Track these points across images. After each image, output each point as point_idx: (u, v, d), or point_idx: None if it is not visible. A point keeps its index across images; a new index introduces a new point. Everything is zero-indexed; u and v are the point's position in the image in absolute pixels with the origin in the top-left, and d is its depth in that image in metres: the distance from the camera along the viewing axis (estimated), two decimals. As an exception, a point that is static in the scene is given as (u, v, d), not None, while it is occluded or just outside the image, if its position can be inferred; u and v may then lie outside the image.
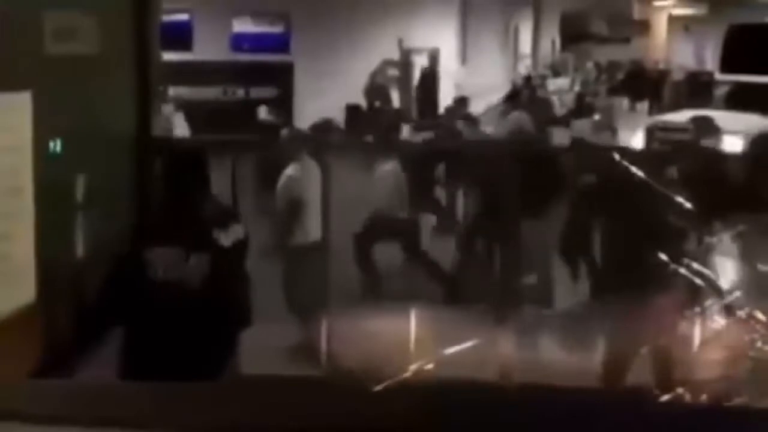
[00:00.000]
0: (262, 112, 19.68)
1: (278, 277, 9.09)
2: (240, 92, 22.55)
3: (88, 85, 5.13)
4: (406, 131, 18.63)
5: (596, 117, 15.96)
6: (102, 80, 5.30)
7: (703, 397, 4.59)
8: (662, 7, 42.21)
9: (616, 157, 6.90)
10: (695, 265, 5.87)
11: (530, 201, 9.53)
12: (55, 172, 4.84)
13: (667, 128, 16.99)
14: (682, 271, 5.86)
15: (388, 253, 10.94)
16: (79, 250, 5.06)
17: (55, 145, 4.85)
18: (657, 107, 27.68)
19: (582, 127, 14.54)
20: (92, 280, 5.08)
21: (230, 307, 5.06)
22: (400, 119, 20.68)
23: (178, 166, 5.18)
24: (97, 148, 5.19)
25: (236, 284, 5.14)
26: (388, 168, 10.66)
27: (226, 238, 5.08)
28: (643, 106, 29.56)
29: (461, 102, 17.36)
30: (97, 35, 5.19)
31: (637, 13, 40.87)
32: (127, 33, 5.52)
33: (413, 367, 3.82)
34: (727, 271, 6.36)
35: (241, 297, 5.17)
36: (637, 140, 16.83)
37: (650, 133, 17.31)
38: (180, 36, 20.84)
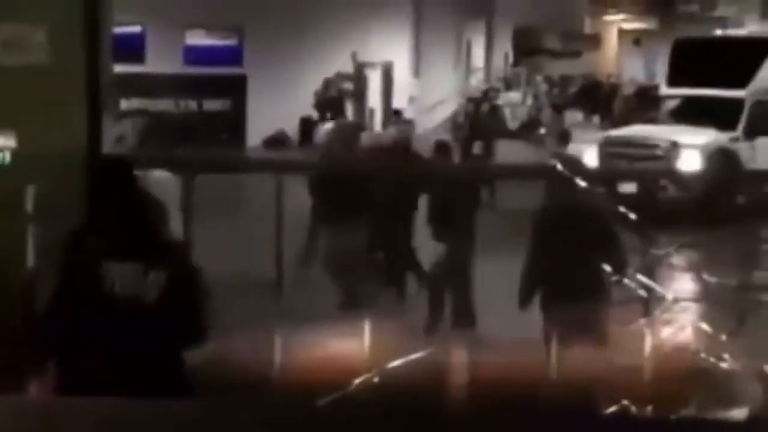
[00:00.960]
0: None
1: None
2: (193, 105, 22.45)
3: (38, 96, 5.10)
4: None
5: (542, 131, 15.99)
6: (53, 91, 5.27)
7: (649, 409, 4.62)
8: (612, 22, 42.61)
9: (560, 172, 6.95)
10: (640, 277, 5.92)
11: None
12: (3, 183, 4.81)
13: (614, 143, 17.14)
14: (627, 282, 5.91)
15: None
16: (29, 262, 5.03)
17: (4, 157, 4.83)
18: (609, 121, 27.86)
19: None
20: (43, 292, 5.03)
21: (184, 322, 5.02)
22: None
23: (128, 180, 5.15)
24: (48, 160, 5.16)
25: (190, 300, 5.09)
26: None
27: (177, 253, 5.05)
28: (597, 120, 29.79)
29: (396, 115, 17.47)
30: (48, 46, 5.17)
31: (588, 27, 41.23)
32: (78, 44, 5.49)
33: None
34: (672, 282, 6.42)
35: (196, 313, 5.11)
36: (586, 155, 16.91)
37: (600, 147, 17.35)
38: (132, 48, 20.71)
